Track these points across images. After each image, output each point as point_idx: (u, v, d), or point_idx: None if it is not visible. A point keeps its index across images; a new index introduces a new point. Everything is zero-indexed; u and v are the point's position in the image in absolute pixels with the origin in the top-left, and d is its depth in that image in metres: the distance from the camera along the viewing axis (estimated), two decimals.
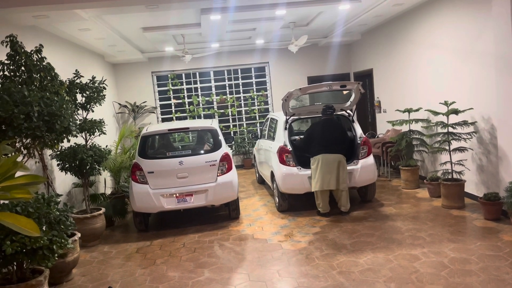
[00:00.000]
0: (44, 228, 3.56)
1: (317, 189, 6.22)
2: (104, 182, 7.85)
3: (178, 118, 11.61)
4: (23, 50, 4.56)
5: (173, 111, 11.68)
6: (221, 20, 7.44)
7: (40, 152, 5.10)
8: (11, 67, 4.54)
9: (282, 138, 6.83)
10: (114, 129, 10.14)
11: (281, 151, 6.63)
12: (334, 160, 6.21)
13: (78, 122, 5.36)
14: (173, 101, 11.68)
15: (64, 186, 6.54)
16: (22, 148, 4.38)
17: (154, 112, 11.43)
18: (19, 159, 4.26)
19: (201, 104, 11.71)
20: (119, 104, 10.90)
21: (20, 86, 4.14)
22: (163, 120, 11.61)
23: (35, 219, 3.51)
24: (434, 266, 4.26)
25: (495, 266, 4.13)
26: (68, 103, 4.51)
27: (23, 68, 4.57)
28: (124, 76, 11.20)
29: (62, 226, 3.74)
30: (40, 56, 4.72)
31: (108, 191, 7.94)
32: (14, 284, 3.59)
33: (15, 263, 3.63)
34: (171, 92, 11.61)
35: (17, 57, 4.53)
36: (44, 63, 4.72)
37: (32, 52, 4.66)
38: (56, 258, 3.70)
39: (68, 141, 4.75)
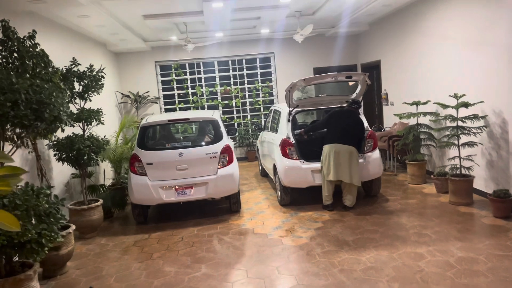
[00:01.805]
0: (32, 221, 3.43)
1: (331, 178, 6.03)
2: (103, 173, 7.73)
3: (182, 109, 11.46)
4: (15, 36, 4.39)
5: (177, 101, 11.52)
6: (223, 7, 7.22)
7: (33, 142, 4.95)
8: (3, 53, 4.37)
9: (285, 130, 6.66)
10: (116, 119, 10.01)
11: (284, 144, 6.46)
12: (345, 151, 6.02)
13: (71, 111, 5.20)
14: (176, 92, 11.52)
15: (63, 177, 6.43)
16: (14, 137, 4.24)
17: (157, 103, 11.29)
18: (9, 148, 4.12)
19: (205, 95, 11.54)
20: (122, 94, 10.76)
21: (9, 73, 3.98)
22: (166, 110, 11.46)
23: (22, 211, 3.37)
24: (440, 266, 4.08)
25: (504, 267, 3.95)
26: (60, 91, 4.35)
27: (15, 54, 4.41)
28: (127, 65, 11.04)
29: (52, 219, 3.60)
30: (33, 42, 4.55)
31: (109, 182, 7.83)
32: (2, 278, 3.47)
33: (3, 257, 3.52)
34: (175, 82, 11.45)
35: (10, 43, 4.36)
36: (37, 50, 4.55)
37: (25, 38, 4.49)
38: (46, 252, 3.57)
39: (62, 130, 4.59)
